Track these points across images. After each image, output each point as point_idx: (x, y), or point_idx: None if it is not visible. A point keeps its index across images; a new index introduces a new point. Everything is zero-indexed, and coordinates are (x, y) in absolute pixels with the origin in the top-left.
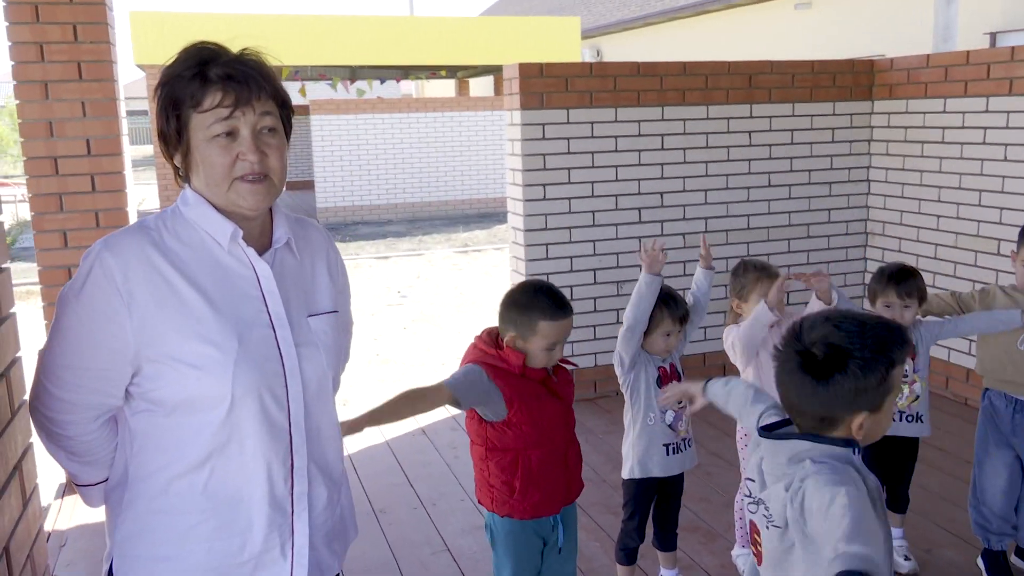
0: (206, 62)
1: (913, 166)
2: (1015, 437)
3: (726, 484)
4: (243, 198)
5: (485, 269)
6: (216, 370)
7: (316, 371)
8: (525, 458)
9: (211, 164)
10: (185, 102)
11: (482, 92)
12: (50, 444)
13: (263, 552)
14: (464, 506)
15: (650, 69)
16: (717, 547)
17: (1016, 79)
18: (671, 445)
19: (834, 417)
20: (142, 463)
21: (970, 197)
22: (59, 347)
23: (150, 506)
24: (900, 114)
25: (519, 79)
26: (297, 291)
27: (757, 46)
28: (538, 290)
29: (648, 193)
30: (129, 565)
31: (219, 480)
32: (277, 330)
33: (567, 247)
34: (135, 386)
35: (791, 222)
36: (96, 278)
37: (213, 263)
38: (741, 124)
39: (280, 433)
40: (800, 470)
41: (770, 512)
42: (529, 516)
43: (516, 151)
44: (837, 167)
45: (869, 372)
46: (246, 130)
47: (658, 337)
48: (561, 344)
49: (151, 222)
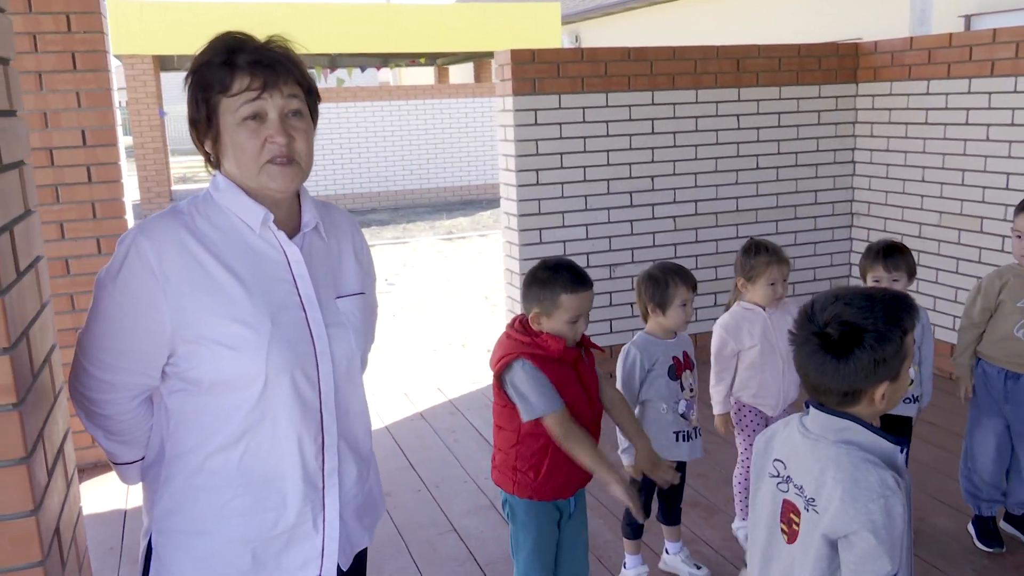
0: (234, 50)
1: (897, 147)
2: (1007, 404)
3: (723, 461)
4: (273, 180)
5: (471, 256)
6: (250, 350)
7: (345, 351)
8: (555, 445)
9: (241, 147)
10: (214, 87)
11: (462, 79)
12: (89, 423)
13: (296, 526)
14: (467, 487)
15: (640, 54)
16: (717, 521)
17: (998, 60)
18: (681, 433)
19: (857, 391)
20: (179, 441)
21: (953, 177)
22: (98, 329)
23: (187, 483)
24: (884, 96)
25: (511, 65)
26: (325, 274)
27: (735, 31)
28: (558, 265)
29: (639, 177)
30: (168, 540)
31: (253, 457)
32: (308, 312)
33: (560, 231)
34: (171, 366)
35: (779, 204)
36: (132, 262)
37: (245, 247)
38: (729, 108)
39: (311, 411)
40: (845, 454)
41: (812, 496)
42: (549, 498)
43: (509, 137)
44: (823, 149)
45: (885, 343)
46: (274, 113)
47: (676, 309)
48: (584, 317)
49: (184, 207)
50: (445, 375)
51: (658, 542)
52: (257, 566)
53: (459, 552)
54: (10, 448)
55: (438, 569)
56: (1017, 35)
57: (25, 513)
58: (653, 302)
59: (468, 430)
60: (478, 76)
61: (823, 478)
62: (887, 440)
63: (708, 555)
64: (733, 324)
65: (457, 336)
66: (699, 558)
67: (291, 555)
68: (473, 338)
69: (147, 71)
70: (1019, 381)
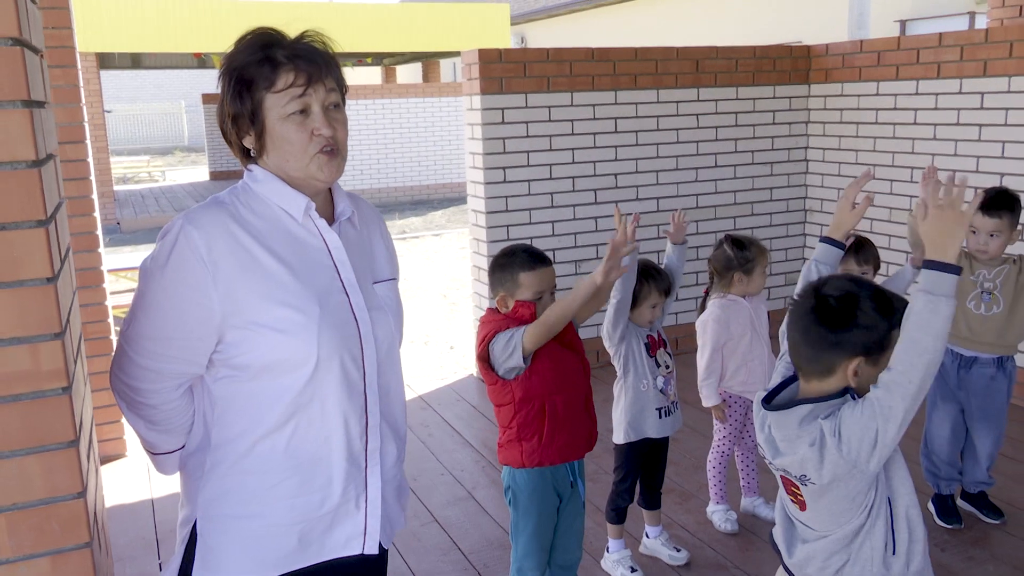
0: (271, 45)
1: (848, 146)
2: (960, 391)
3: (692, 448)
4: (321, 171)
5: (426, 255)
6: (301, 333)
7: (386, 334)
8: (551, 403)
9: (290, 141)
10: (258, 84)
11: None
12: (130, 414)
13: (340, 505)
14: (444, 480)
15: (603, 55)
16: (692, 506)
17: (943, 63)
18: (663, 409)
19: (834, 362)
20: (225, 427)
21: (902, 174)
22: (144, 318)
23: (235, 467)
24: (836, 97)
25: (479, 64)
26: (361, 260)
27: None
28: (515, 249)
29: (603, 175)
30: (215, 525)
31: (300, 439)
32: (351, 296)
33: (527, 228)
34: (218, 353)
35: (736, 200)
36: (181, 250)
37: (287, 234)
38: (689, 107)
39: (356, 393)
40: (813, 429)
41: (803, 473)
42: (558, 460)
43: (476, 135)
44: (778, 148)
45: (876, 316)
46: (317, 106)
47: (645, 309)
48: (548, 293)
49: (226, 198)
50: (412, 372)
51: (638, 528)
52: (303, 546)
53: (443, 542)
54: (61, 431)
55: (423, 559)
56: (961, 39)
57: (75, 495)
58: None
59: (440, 424)
60: (426, 76)
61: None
62: (833, 397)
63: (686, 538)
64: (724, 317)
65: (419, 334)
66: (677, 541)
67: (335, 534)
68: (435, 336)
69: (90, 68)
70: (971, 369)
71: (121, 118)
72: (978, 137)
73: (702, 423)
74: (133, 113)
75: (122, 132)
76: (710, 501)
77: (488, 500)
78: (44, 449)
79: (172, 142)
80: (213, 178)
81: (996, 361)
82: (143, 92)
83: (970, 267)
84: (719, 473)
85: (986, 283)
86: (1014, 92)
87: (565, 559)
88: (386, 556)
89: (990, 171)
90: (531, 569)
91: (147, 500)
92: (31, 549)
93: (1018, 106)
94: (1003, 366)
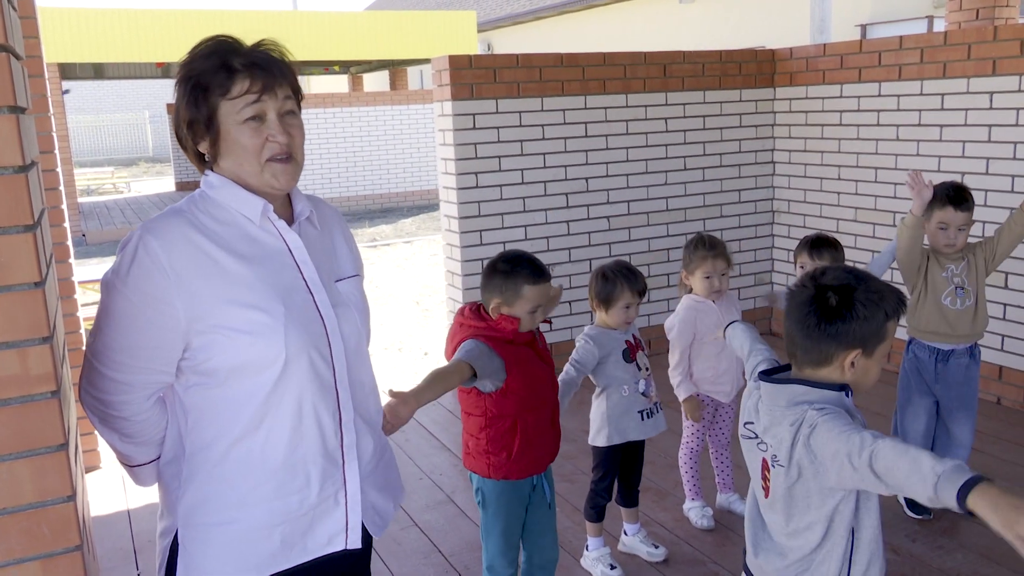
0: (226, 52)
1: (814, 147)
2: (937, 384)
3: (666, 447)
4: (276, 178)
5: (396, 262)
6: (267, 333)
7: (353, 330)
8: (523, 422)
9: (243, 146)
10: (214, 90)
11: (376, 87)
12: (103, 428)
13: (318, 503)
14: (423, 484)
15: (572, 60)
16: (668, 503)
17: (904, 66)
18: (645, 411)
19: (831, 353)
20: (199, 435)
21: (867, 175)
22: (110, 331)
23: (211, 474)
24: (801, 99)
25: (450, 70)
26: (323, 259)
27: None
28: (519, 257)
29: (574, 179)
30: (197, 533)
31: (275, 441)
32: (315, 294)
33: (500, 232)
34: (186, 360)
35: (705, 203)
36: (141, 261)
37: (248, 237)
38: (658, 111)
39: (328, 390)
40: (799, 412)
41: (775, 453)
42: (524, 475)
43: (448, 141)
44: (745, 150)
45: (873, 307)
46: (272, 113)
47: (619, 310)
48: (543, 307)
49: (183, 206)
50: (386, 378)
51: (616, 526)
52: (286, 546)
53: (423, 545)
54: (51, 435)
55: (405, 562)
56: (921, 42)
57: (65, 498)
58: (599, 298)
59: (417, 429)
60: (393, 84)
61: (783, 433)
62: (829, 388)
63: (663, 535)
64: (691, 316)
65: (393, 341)
66: (655, 538)
67: (316, 533)
68: (408, 342)
69: (53, 78)
70: (948, 363)
71: (84, 129)
72: (939, 137)
73: (675, 422)
74: (96, 124)
75: (85, 143)
76: (686, 498)
77: (467, 503)
78: (34, 453)
79: (136, 153)
80: (179, 189)
81: (968, 350)
82: (105, 103)
83: (939, 264)
84: (691, 469)
85: (955, 278)
86: (972, 93)
87: (542, 558)
88: (371, 546)
89: (951, 170)
90: (503, 567)
91: (123, 511)
92: (22, 553)
93: (977, 106)
94: (973, 353)
